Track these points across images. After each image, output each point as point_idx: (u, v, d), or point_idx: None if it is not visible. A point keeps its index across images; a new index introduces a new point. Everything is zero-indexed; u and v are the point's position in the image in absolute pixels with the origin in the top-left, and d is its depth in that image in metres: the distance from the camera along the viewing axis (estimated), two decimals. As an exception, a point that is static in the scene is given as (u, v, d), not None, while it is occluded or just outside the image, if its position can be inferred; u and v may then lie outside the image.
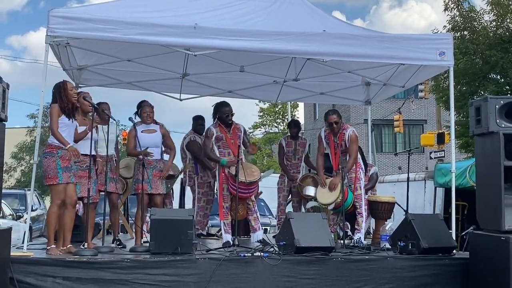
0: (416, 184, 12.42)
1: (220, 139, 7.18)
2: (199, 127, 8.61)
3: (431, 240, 6.32)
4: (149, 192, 6.80)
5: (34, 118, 29.56)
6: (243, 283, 5.79)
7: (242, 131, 7.33)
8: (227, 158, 7.06)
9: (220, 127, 7.21)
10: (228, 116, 7.19)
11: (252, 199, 7.20)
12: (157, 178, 6.92)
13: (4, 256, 5.30)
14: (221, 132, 7.19)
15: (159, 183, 6.94)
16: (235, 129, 7.25)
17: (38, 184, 7.98)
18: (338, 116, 7.31)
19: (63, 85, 6.09)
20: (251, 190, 7.03)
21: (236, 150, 7.07)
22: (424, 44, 6.95)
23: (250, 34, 6.53)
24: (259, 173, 7.01)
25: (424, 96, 23.41)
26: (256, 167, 7.13)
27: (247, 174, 6.86)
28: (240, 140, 7.24)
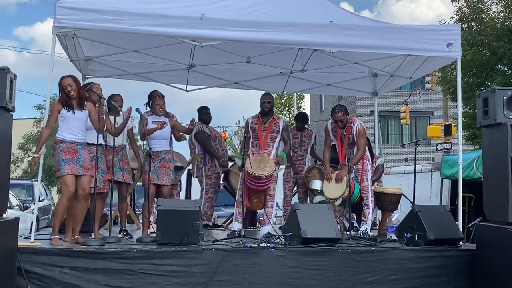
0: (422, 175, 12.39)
1: (253, 129, 7.22)
2: (205, 116, 8.60)
3: (438, 231, 6.32)
4: (155, 182, 6.83)
5: (41, 109, 29.59)
6: (249, 274, 5.81)
7: (281, 126, 7.25)
8: (258, 152, 7.08)
9: (257, 118, 7.23)
10: (264, 103, 7.20)
11: (269, 193, 7.14)
12: (164, 169, 6.94)
13: (12, 246, 5.33)
14: (256, 124, 7.21)
15: (165, 175, 6.96)
16: (272, 122, 7.21)
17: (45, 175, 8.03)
18: (344, 113, 7.28)
19: (60, 80, 6.16)
20: (259, 184, 6.97)
21: (263, 143, 7.07)
22: (431, 35, 6.92)
23: (257, 25, 6.51)
24: (272, 170, 6.95)
25: (431, 87, 23.35)
26: (273, 163, 7.06)
27: (259, 167, 6.84)
28: (274, 134, 7.19)
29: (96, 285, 5.53)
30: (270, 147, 7.17)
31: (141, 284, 5.60)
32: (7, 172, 5.45)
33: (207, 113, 8.63)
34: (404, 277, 6.09)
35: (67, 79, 6.16)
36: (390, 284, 6.05)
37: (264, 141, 7.13)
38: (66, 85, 6.10)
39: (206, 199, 8.34)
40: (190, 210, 6.04)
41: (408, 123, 25.34)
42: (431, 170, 13.05)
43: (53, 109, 6.09)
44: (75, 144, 6.08)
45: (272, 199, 7.18)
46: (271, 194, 7.15)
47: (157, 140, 6.94)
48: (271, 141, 7.19)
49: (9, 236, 5.26)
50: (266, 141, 7.15)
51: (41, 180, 6.84)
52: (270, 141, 7.18)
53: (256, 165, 6.86)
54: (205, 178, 8.39)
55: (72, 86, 6.11)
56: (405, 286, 6.08)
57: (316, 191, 7.83)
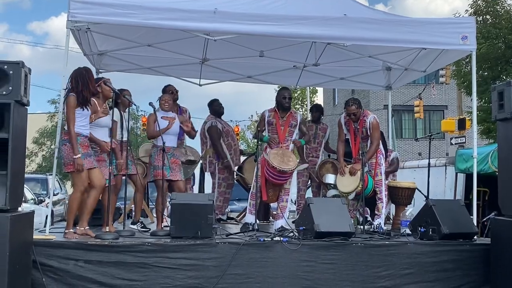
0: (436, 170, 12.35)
1: (270, 123, 7.20)
2: (217, 108, 8.58)
3: (452, 225, 6.28)
4: (168, 178, 6.85)
5: (54, 103, 29.82)
6: (263, 268, 5.81)
7: (298, 120, 7.27)
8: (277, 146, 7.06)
9: (274, 112, 7.22)
10: (285, 98, 7.18)
11: (285, 187, 7.13)
12: (175, 165, 6.96)
13: (27, 239, 5.37)
14: (273, 117, 7.19)
15: (178, 170, 6.98)
16: (290, 117, 7.21)
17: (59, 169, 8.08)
18: (357, 106, 7.25)
19: (87, 72, 6.10)
20: (283, 178, 6.96)
21: (282, 137, 7.07)
22: (446, 28, 6.86)
23: (270, 18, 6.49)
24: (295, 164, 6.96)
25: (445, 81, 23.20)
26: (295, 157, 7.08)
27: (283, 161, 6.84)
28: (292, 128, 7.20)
29: (110, 278, 5.56)
30: (288, 141, 7.18)
31: (155, 277, 5.63)
32: (22, 167, 5.48)
33: (219, 104, 8.60)
34: (418, 272, 6.06)
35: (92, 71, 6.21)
36: (404, 278, 6.03)
37: (283, 136, 7.12)
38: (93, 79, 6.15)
39: (219, 193, 8.35)
40: (204, 204, 6.05)
41: (422, 117, 25.22)
42: (445, 164, 12.99)
43: (71, 105, 5.95)
44: (87, 138, 6.12)
45: (287, 193, 7.18)
46: (286, 188, 7.15)
47: (168, 136, 6.93)
48: (289, 135, 7.20)
49: (25, 229, 5.30)
50: (285, 136, 7.14)
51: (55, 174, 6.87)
52: (289, 135, 7.19)
53: (279, 159, 6.86)
54: (218, 173, 8.40)
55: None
56: (419, 280, 6.05)
57: (330, 185, 7.81)
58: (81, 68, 6.14)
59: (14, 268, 4.81)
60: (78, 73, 6.06)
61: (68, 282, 5.51)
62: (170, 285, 5.64)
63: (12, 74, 5.04)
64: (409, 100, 27.61)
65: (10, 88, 5.01)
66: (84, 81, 6.00)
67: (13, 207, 5.03)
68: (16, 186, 5.12)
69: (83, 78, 6.02)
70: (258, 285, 5.78)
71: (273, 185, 7.04)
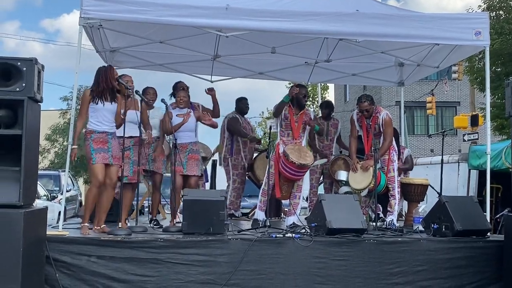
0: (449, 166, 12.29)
1: (285, 117, 7.18)
2: (243, 106, 8.67)
3: (465, 222, 6.25)
4: (184, 173, 6.86)
5: (67, 100, 29.92)
6: (275, 264, 5.81)
7: (311, 118, 7.25)
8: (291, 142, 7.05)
9: (289, 108, 7.18)
10: (305, 96, 7.16)
11: (298, 183, 7.12)
12: (193, 160, 6.99)
13: (41, 234, 5.40)
14: (288, 113, 7.17)
15: (195, 166, 7.01)
16: (303, 114, 7.18)
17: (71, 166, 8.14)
18: (370, 103, 7.22)
19: (108, 69, 6.22)
20: (300, 173, 6.95)
21: (297, 133, 7.06)
22: (459, 23, 6.81)
23: (282, 14, 6.48)
24: (312, 159, 6.96)
25: (457, 77, 23.03)
26: (310, 153, 7.08)
27: (301, 156, 6.83)
28: (306, 125, 7.18)
29: (123, 273, 5.58)
30: (302, 138, 7.19)
31: (167, 273, 5.64)
32: (35, 163, 5.51)
33: (246, 104, 8.69)
34: (430, 268, 6.04)
35: (114, 69, 6.27)
36: (417, 275, 6.00)
37: (297, 132, 7.11)
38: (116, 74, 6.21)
39: (233, 189, 8.39)
40: (216, 200, 6.06)
41: (434, 114, 25.03)
42: (458, 160, 12.94)
43: (84, 99, 6.12)
44: (105, 134, 6.14)
45: (300, 190, 7.16)
46: (299, 185, 7.13)
47: (184, 132, 7.00)
48: (303, 132, 7.19)
49: (38, 225, 5.33)
50: (299, 132, 7.13)
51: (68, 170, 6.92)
52: (302, 132, 7.18)
53: (297, 154, 6.85)
54: (232, 168, 8.44)
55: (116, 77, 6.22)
56: (432, 277, 6.03)
57: (342, 182, 7.79)
58: (104, 65, 6.31)
59: (27, 263, 4.84)
60: (99, 69, 6.21)
61: (81, 277, 5.53)
62: (182, 281, 5.65)
63: (26, 71, 5.06)
64: (421, 96, 27.46)
65: (23, 85, 5.04)
66: (101, 76, 6.11)
67: (26, 203, 5.06)
68: (29, 183, 5.14)
69: (101, 73, 6.14)
70: (270, 281, 5.78)
71: (287, 181, 7.03)
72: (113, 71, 6.25)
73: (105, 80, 6.12)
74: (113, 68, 6.31)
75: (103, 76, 6.13)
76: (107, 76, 6.14)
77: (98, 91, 6.11)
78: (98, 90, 6.11)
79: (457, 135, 27.14)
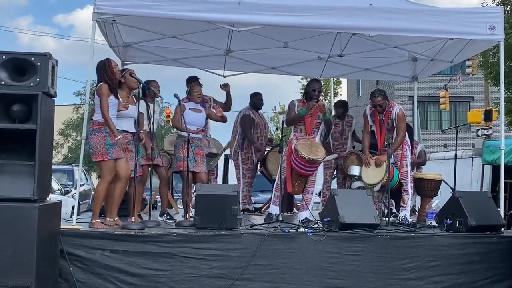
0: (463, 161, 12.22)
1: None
2: (257, 101, 8.67)
3: (479, 218, 6.21)
4: (192, 170, 6.88)
5: (80, 95, 30.05)
6: (287, 259, 5.82)
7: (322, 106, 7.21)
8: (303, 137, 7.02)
9: (303, 103, 7.16)
10: (315, 91, 7.10)
11: (311, 179, 7.09)
12: (199, 156, 7.00)
13: (55, 228, 5.44)
14: (301, 108, 7.14)
15: (201, 162, 7.01)
16: (317, 109, 7.13)
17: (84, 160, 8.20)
18: (383, 98, 7.18)
19: (108, 62, 6.18)
20: (311, 168, 6.93)
21: (310, 128, 7.04)
22: (473, 18, 6.75)
23: (295, 9, 6.45)
24: (323, 155, 6.92)
25: (471, 72, 22.87)
26: (322, 148, 7.05)
27: (311, 152, 6.82)
28: (319, 120, 7.13)
29: (136, 268, 5.61)
30: (315, 133, 7.13)
31: (180, 267, 5.66)
32: (50, 157, 5.54)
33: (260, 99, 8.68)
34: (444, 264, 6.02)
35: (114, 61, 6.26)
36: (430, 271, 5.99)
37: (310, 127, 7.07)
38: (116, 66, 6.22)
39: (244, 183, 8.41)
40: (228, 195, 6.06)
41: (447, 109, 24.89)
42: (471, 156, 12.86)
43: (103, 92, 6.04)
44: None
45: (313, 185, 7.15)
46: (312, 180, 7.11)
47: (193, 127, 6.99)
48: (316, 127, 7.14)
49: (52, 219, 5.36)
50: (312, 128, 7.10)
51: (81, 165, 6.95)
52: (315, 127, 7.14)
53: (307, 149, 6.84)
54: (241, 163, 8.46)
55: (117, 68, 6.22)
56: (445, 272, 6.01)
57: (354, 177, 7.77)
58: (102, 59, 6.23)
59: (42, 257, 4.88)
60: (101, 64, 6.17)
61: (94, 271, 5.57)
62: (195, 275, 5.67)
63: (40, 66, 5.08)
64: (434, 91, 27.30)
65: (37, 80, 5.06)
66: (107, 71, 6.11)
67: (40, 197, 5.09)
68: (43, 177, 5.17)
69: (105, 68, 6.13)
70: (283, 276, 5.78)
71: (299, 176, 7.02)
72: (113, 64, 6.21)
73: (110, 73, 6.11)
74: (112, 61, 6.26)
75: (108, 70, 6.12)
76: (110, 70, 6.13)
77: (111, 85, 6.10)
78: (113, 85, 6.11)
79: (471, 130, 26.97)
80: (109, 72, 6.12)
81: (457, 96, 28.55)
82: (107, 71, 6.12)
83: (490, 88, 22.43)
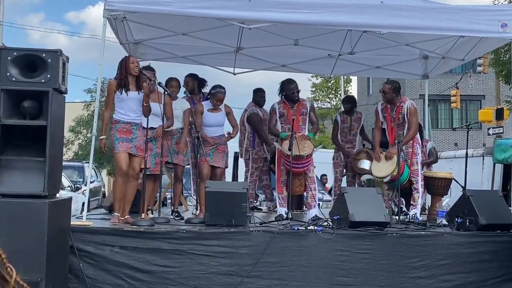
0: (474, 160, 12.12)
1: (282, 115, 7.15)
2: (259, 99, 8.62)
3: (490, 216, 6.17)
4: (211, 164, 6.97)
5: (90, 92, 30.14)
6: (297, 256, 5.81)
7: (308, 108, 7.22)
8: (287, 133, 7.02)
9: (284, 103, 7.16)
10: (293, 93, 7.12)
11: (310, 175, 7.08)
12: (219, 152, 7.07)
13: (65, 224, 5.47)
14: (283, 109, 7.14)
15: (221, 158, 7.08)
16: (300, 106, 7.15)
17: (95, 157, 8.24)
18: (392, 88, 7.11)
19: (126, 58, 6.26)
20: (301, 165, 6.92)
21: (296, 126, 7.04)
22: (485, 15, 6.70)
23: (305, 6, 6.44)
24: (311, 149, 6.89)
25: (483, 70, 22.75)
26: (310, 142, 7.05)
27: (297, 148, 6.81)
28: (303, 116, 7.14)
29: (146, 264, 5.63)
30: (303, 130, 7.11)
31: (190, 264, 5.67)
32: (60, 154, 5.57)
33: (261, 96, 8.62)
34: (454, 262, 5.99)
35: (133, 57, 6.34)
36: (440, 269, 5.96)
37: (296, 125, 7.02)
38: (133, 61, 6.24)
39: (251, 181, 8.39)
40: (238, 192, 6.07)
41: (458, 107, 24.78)
42: (482, 154, 12.77)
43: (109, 90, 6.20)
44: (130, 124, 6.17)
45: (313, 181, 7.13)
46: (311, 176, 7.09)
47: (214, 128, 7.13)
48: (303, 123, 7.13)
49: (63, 215, 5.39)
50: (298, 125, 7.06)
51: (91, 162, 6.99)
52: (302, 123, 7.12)
53: (295, 146, 6.82)
54: (251, 162, 8.44)
55: (135, 64, 6.23)
56: (455, 271, 5.98)
57: (364, 170, 7.75)
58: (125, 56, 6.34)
59: (52, 253, 4.90)
60: (121, 60, 6.25)
61: (104, 267, 5.59)
62: (204, 272, 5.68)
63: (51, 62, 5.10)
64: (445, 89, 27.17)
65: (48, 76, 5.08)
66: (122, 66, 6.16)
67: (51, 194, 5.11)
68: (54, 173, 5.20)
69: (121, 63, 6.20)
70: (292, 273, 5.78)
71: (296, 175, 7.00)
72: (130, 60, 6.26)
73: (124, 68, 6.16)
74: (131, 57, 6.33)
75: (123, 66, 6.19)
76: (125, 65, 6.18)
77: (120, 80, 6.15)
78: (121, 79, 6.15)
79: (482, 129, 26.81)
80: (123, 67, 6.16)
81: (468, 94, 28.41)
82: (122, 66, 6.18)
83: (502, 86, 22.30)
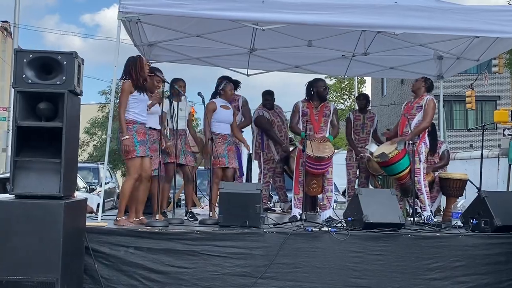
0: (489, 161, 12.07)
1: (305, 114, 7.15)
2: (264, 101, 8.62)
3: (505, 218, 6.12)
4: (226, 165, 6.99)
5: (105, 94, 30.34)
6: (311, 257, 5.81)
7: (332, 111, 7.22)
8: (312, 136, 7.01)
9: (308, 102, 7.17)
10: (325, 89, 7.19)
11: (328, 177, 7.07)
12: (231, 152, 7.10)
13: (80, 225, 5.50)
14: (307, 108, 7.15)
15: (233, 157, 7.12)
16: (323, 107, 7.15)
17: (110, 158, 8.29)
18: (425, 83, 7.33)
19: (139, 59, 6.22)
20: (321, 166, 6.91)
21: (317, 127, 7.03)
22: (500, 15, 6.65)
23: (319, 7, 6.42)
24: (331, 151, 6.90)
25: (498, 71, 22.59)
26: (330, 144, 7.04)
27: (318, 150, 6.80)
28: (326, 118, 7.14)
29: (160, 265, 5.65)
30: (324, 131, 7.11)
31: (204, 265, 5.69)
32: (75, 155, 5.60)
33: (267, 99, 8.60)
34: (469, 264, 5.95)
35: (145, 59, 6.32)
36: (454, 271, 5.93)
37: (318, 126, 7.04)
38: (146, 63, 6.24)
39: (264, 183, 8.39)
40: (252, 193, 6.07)
41: (473, 108, 24.62)
42: (498, 155, 12.70)
43: (125, 89, 6.06)
44: (144, 125, 6.19)
45: (331, 183, 7.12)
46: (329, 178, 7.08)
47: (224, 124, 7.13)
48: (325, 125, 7.13)
49: (78, 216, 5.43)
50: (320, 125, 7.07)
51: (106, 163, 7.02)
52: (324, 125, 7.12)
53: (315, 147, 6.82)
54: (263, 163, 8.45)
55: (147, 66, 6.25)
56: (470, 273, 5.94)
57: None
58: (133, 56, 6.27)
59: (67, 253, 4.93)
60: (132, 59, 6.19)
61: (119, 268, 5.62)
62: (218, 273, 5.69)
63: (66, 64, 5.13)
64: (460, 90, 27.01)
65: (64, 78, 5.12)
66: (137, 66, 6.12)
67: (66, 195, 5.15)
68: (69, 174, 5.23)
69: (136, 63, 6.14)
70: (306, 275, 5.78)
71: (315, 176, 7.00)
72: (144, 62, 6.25)
73: (139, 69, 6.12)
74: (143, 59, 6.33)
75: (137, 66, 6.12)
76: (140, 66, 6.14)
77: (137, 81, 6.11)
78: (137, 80, 6.11)
79: (497, 130, 26.63)
80: (139, 68, 6.12)
81: (483, 95, 28.23)
82: (136, 66, 6.11)
83: (517, 87, 22.12)
